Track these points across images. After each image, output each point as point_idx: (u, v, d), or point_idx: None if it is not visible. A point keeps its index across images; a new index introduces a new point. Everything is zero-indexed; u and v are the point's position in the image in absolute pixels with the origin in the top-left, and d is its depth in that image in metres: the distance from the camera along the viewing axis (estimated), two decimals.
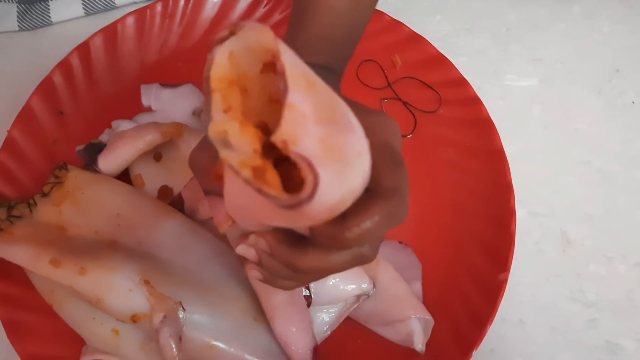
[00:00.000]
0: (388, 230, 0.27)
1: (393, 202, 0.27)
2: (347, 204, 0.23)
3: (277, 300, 0.41)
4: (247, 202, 0.27)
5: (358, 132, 0.23)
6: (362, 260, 0.29)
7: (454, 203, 0.51)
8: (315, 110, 0.21)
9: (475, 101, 0.53)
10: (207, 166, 0.31)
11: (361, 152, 0.23)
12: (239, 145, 0.21)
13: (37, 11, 0.59)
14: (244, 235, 0.31)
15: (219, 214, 0.33)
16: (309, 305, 0.42)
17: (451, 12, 0.64)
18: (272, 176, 0.21)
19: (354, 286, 0.43)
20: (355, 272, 0.43)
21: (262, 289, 0.42)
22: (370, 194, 0.26)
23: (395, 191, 0.27)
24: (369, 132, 0.23)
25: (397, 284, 0.45)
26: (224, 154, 0.21)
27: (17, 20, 0.58)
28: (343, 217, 0.25)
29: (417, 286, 0.47)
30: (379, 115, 0.30)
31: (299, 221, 0.24)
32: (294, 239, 0.29)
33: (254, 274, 0.32)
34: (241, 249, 0.31)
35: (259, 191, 0.21)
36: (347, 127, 0.22)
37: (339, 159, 0.21)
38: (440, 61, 0.55)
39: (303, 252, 0.28)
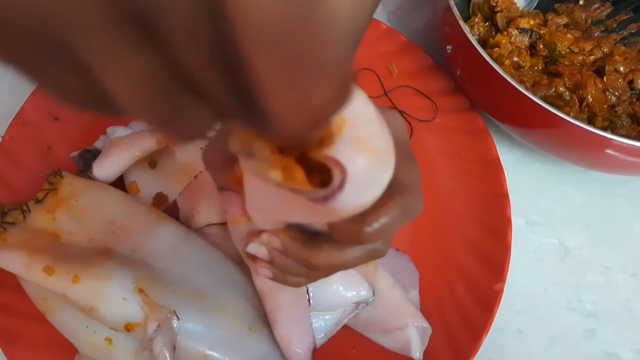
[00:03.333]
0: (403, 225, 0.28)
1: (409, 197, 0.27)
2: (375, 198, 0.24)
3: (282, 300, 0.41)
4: (271, 204, 0.27)
5: (386, 128, 0.24)
6: (375, 255, 0.29)
7: (450, 212, 0.51)
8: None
9: (471, 110, 0.53)
10: (221, 162, 0.31)
11: (389, 148, 0.23)
12: (260, 151, 0.21)
13: None
14: (254, 234, 0.31)
15: (234, 210, 0.32)
16: None
17: None
18: (298, 171, 0.22)
19: (353, 293, 0.43)
20: (354, 279, 0.43)
21: (267, 288, 0.41)
22: (387, 189, 0.27)
23: (411, 186, 0.28)
24: None
25: (394, 291, 0.45)
26: (249, 164, 0.21)
27: None
28: (361, 213, 0.26)
29: (414, 294, 0.47)
30: (387, 111, 0.30)
31: (328, 216, 0.24)
32: (307, 236, 0.29)
33: (264, 272, 0.32)
34: (253, 247, 0.31)
35: (294, 191, 0.22)
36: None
37: (374, 153, 0.22)
38: (436, 70, 0.55)
39: (317, 248, 0.29)
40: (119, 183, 0.47)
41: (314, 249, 0.29)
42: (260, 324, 0.42)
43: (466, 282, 0.47)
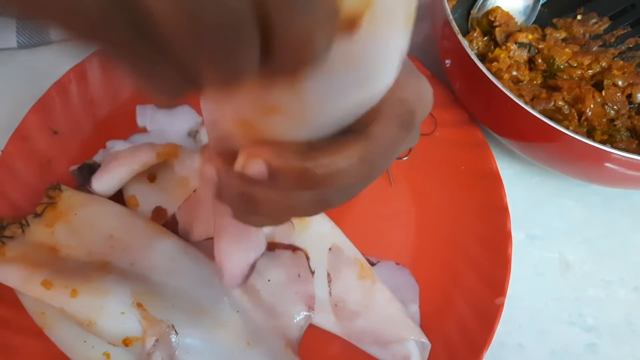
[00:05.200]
0: (360, 181, 0.26)
1: (373, 149, 0.25)
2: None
3: (227, 219, 0.38)
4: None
5: None
6: (325, 206, 0.27)
7: (450, 225, 0.50)
8: None
9: (471, 124, 0.53)
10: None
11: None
12: None
13: (37, 26, 0.58)
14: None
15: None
16: None
17: None
18: None
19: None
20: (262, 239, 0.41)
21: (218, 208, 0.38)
22: (353, 135, 0.25)
23: (382, 141, 0.25)
24: (398, 88, 0.23)
25: (392, 305, 0.45)
26: None
27: (16, 36, 0.58)
28: (314, 151, 0.24)
29: (414, 308, 0.47)
30: (417, 77, 0.28)
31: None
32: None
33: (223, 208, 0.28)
34: (204, 168, 0.28)
35: None
36: None
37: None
38: (435, 84, 0.55)
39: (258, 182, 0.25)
40: (118, 197, 0.47)
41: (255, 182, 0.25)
42: (259, 339, 0.42)
43: (466, 296, 0.47)
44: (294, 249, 0.47)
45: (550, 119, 0.43)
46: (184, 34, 0.15)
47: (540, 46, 0.56)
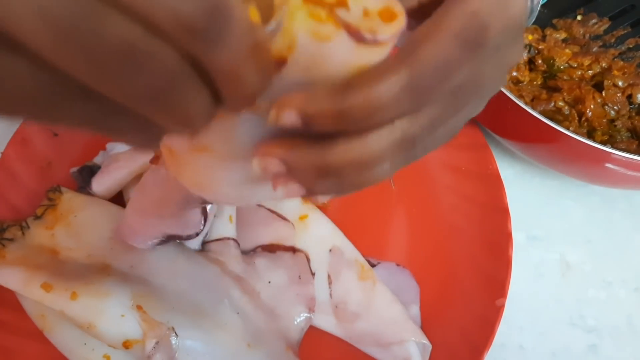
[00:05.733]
0: (409, 114, 0.21)
1: (420, 71, 0.20)
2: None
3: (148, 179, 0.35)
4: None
5: None
6: (410, 142, 0.23)
7: (450, 227, 0.50)
8: None
9: (471, 125, 0.53)
10: None
11: None
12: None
13: None
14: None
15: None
16: None
17: None
18: None
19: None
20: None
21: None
22: (400, 56, 0.20)
23: (433, 61, 0.20)
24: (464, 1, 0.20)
25: (393, 306, 0.45)
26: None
27: None
28: (349, 87, 0.20)
29: (415, 310, 0.47)
30: None
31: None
32: (309, 139, 0.21)
33: (291, 187, 0.23)
34: (258, 163, 0.22)
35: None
36: None
37: None
38: None
39: (331, 145, 0.21)
40: (119, 199, 0.47)
41: (325, 147, 0.21)
42: (259, 341, 0.42)
43: (467, 297, 0.47)
44: (294, 250, 0.47)
45: (551, 119, 0.43)
46: (131, 97, 0.16)
47: (540, 47, 0.56)
